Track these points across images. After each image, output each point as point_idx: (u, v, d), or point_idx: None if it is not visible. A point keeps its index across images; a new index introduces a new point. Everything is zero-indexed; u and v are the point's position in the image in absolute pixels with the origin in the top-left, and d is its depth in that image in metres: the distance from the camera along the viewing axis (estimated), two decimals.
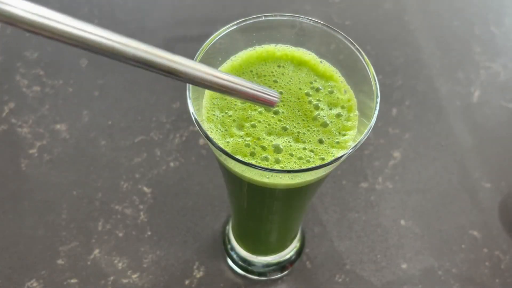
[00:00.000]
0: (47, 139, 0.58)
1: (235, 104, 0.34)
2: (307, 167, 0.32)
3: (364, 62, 0.34)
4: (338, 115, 0.35)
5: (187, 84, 0.32)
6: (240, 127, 0.34)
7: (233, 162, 0.30)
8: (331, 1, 0.72)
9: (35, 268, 0.51)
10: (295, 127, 0.34)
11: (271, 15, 0.35)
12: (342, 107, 0.35)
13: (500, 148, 0.61)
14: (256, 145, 0.33)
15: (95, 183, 0.56)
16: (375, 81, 0.33)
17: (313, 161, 0.32)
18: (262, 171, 0.30)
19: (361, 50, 0.34)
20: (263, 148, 0.33)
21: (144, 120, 0.60)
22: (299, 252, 0.53)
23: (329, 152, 0.33)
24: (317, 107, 0.35)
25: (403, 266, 0.53)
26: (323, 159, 0.33)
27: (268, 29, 0.36)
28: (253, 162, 0.32)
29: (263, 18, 0.35)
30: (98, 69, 0.64)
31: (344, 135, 0.34)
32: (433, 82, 0.66)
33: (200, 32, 0.67)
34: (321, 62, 0.37)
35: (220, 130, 0.33)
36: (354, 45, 0.34)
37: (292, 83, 0.36)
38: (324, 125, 0.34)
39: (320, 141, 0.34)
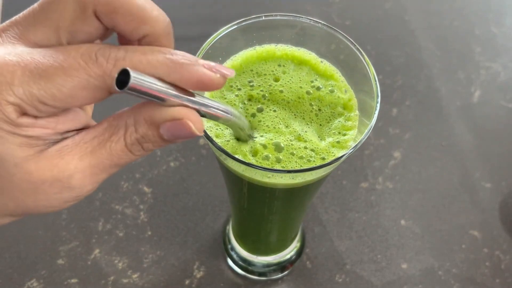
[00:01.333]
0: None
1: (235, 104, 0.34)
2: (307, 167, 0.32)
3: (364, 62, 0.34)
4: (339, 115, 0.35)
5: None
6: None
7: (233, 161, 0.30)
8: (331, 1, 0.72)
9: (35, 268, 0.51)
10: (296, 125, 0.34)
11: (272, 15, 0.35)
12: (343, 107, 0.35)
13: (500, 148, 0.61)
14: (257, 144, 0.33)
15: None
16: (375, 80, 0.33)
17: (314, 161, 0.32)
18: (263, 171, 0.30)
19: (361, 50, 0.34)
20: (264, 146, 0.33)
21: None
22: (299, 252, 0.53)
23: (329, 152, 0.33)
24: (317, 106, 0.35)
25: (403, 266, 0.53)
26: (323, 158, 0.33)
27: (269, 29, 0.36)
28: (253, 161, 0.32)
29: (263, 18, 0.35)
30: None
31: (344, 134, 0.34)
32: (433, 82, 0.66)
33: (200, 32, 0.67)
34: (321, 62, 0.36)
35: (220, 129, 0.33)
36: (355, 45, 0.34)
37: (292, 82, 0.36)
38: (325, 124, 0.34)
39: (321, 140, 0.34)
